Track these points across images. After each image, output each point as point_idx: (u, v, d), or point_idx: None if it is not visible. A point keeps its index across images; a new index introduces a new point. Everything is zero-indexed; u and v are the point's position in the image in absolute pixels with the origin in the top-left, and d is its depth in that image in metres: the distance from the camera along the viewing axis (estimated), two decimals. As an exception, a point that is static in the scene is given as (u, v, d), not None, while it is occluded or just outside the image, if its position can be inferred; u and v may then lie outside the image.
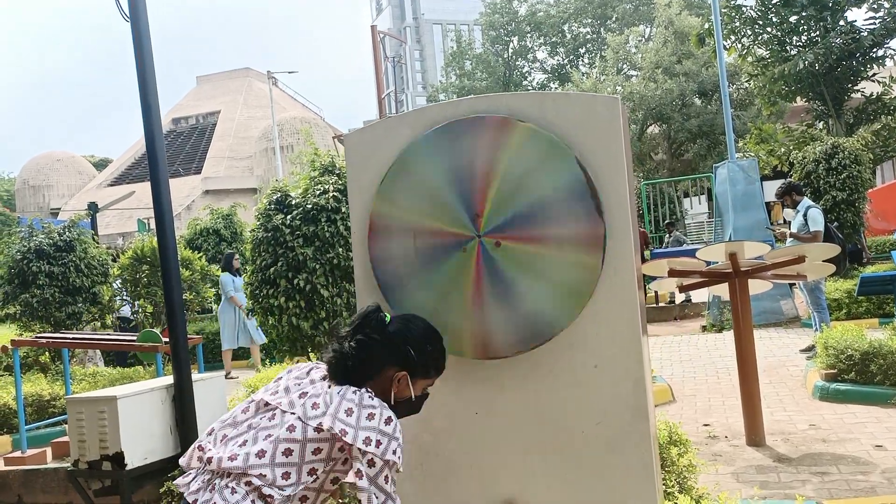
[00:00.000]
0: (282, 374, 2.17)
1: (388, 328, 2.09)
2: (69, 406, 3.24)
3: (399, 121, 2.52)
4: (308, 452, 1.96)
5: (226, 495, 1.92)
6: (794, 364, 7.79)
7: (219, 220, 16.01)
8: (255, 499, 1.93)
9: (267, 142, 36.25)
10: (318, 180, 6.21)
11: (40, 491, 6.10)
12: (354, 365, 2.04)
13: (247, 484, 1.93)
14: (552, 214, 2.26)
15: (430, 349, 2.12)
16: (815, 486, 4.28)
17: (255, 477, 1.92)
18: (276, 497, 1.93)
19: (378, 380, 2.08)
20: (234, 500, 1.91)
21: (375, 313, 2.11)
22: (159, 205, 3.19)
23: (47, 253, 12.17)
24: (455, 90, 39.53)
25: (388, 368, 2.08)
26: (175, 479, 2.08)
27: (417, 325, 2.15)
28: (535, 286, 2.27)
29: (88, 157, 51.00)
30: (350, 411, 1.95)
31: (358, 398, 1.98)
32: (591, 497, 2.30)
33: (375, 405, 1.98)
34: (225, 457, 1.95)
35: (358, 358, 2.04)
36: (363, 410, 1.96)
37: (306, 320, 5.89)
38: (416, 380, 2.11)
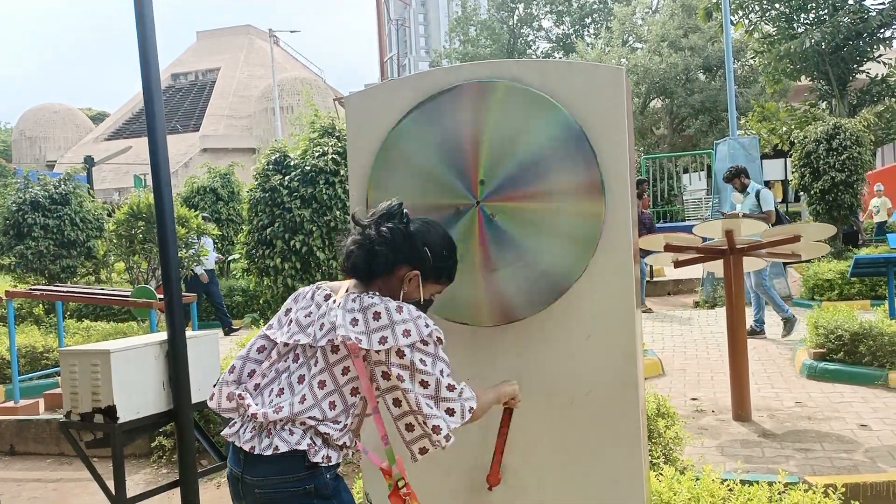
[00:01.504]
0: (290, 305, 2.12)
1: (409, 226, 2.05)
2: (62, 358, 3.25)
3: (401, 84, 2.50)
4: (339, 375, 1.94)
5: (285, 437, 1.92)
6: (784, 342, 7.85)
7: (216, 179, 15.93)
8: (313, 436, 1.93)
9: (267, 102, 35.95)
10: (317, 142, 6.18)
11: (32, 441, 6.16)
12: (379, 255, 1.99)
13: (301, 424, 1.93)
14: (548, 168, 2.25)
15: (446, 254, 2.09)
16: (798, 462, 4.35)
17: (307, 419, 1.93)
18: (332, 433, 1.94)
19: (388, 278, 2.03)
20: (294, 440, 1.91)
21: (399, 208, 2.05)
22: (156, 160, 3.17)
23: (43, 205, 12.13)
24: (458, 56, 39.13)
25: (401, 266, 2.03)
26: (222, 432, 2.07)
27: (437, 230, 2.11)
28: (541, 243, 2.26)
29: (85, 110, 50.55)
30: (355, 321, 1.92)
31: (358, 304, 1.95)
32: (578, 464, 2.33)
33: (377, 302, 1.94)
34: (270, 411, 1.94)
35: (383, 247, 1.99)
36: (367, 313, 1.93)
37: (301, 282, 5.91)
38: (427, 282, 2.07)
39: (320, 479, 1.94)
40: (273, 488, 1.93)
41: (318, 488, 1.93)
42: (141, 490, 3.69)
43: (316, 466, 1.93)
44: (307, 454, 1.92)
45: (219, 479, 5.05)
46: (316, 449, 1.93)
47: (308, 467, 1.92)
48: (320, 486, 1.94)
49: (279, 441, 1.92)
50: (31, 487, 5.29)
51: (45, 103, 44.86)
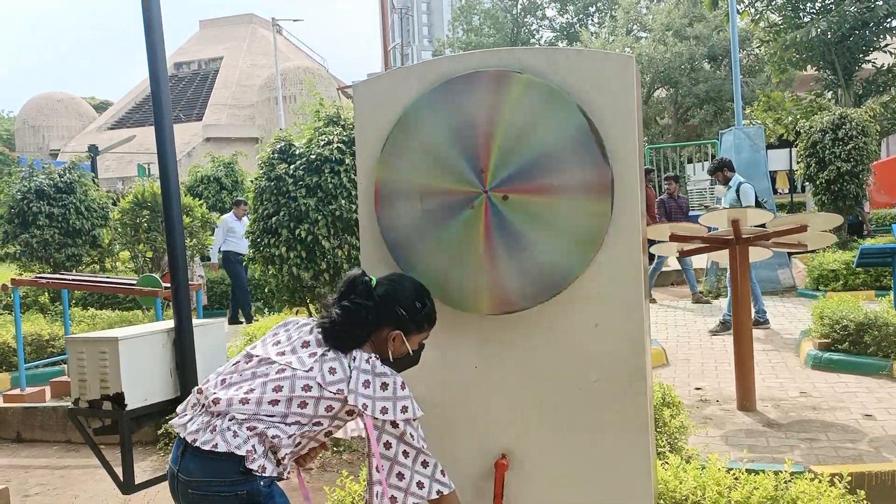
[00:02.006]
0: (278, 330, 2.19)
1: (375, 291, 2.12)
2: (70, 345, 3.26)
3: (407, 72, 2.49)
4: (321, 408, 2.01)
5: (227, 437, 1.95)
6: (788, 332, 7.85)
7: (220, 168, 15.92)
8: (256, 443, 1.96)
9: (269, 91, 35.86)
10: (322, 131, 6.16)
11: (39, 428, 6.19)
12: (344, 331, 2.07)
13: (249, 429, 1.96)
14: (558, 163, 2.24)
15: (419, 306, 2.15)
16: (802, 452, 4.36)
17: (264, 418, 1.96)
18: (282, 437, 1.97)
19: (374, 340, 2.12)
20: (235, 442, 1.94)
21: (361, 278, 2.13)
22: (162, 147, 3.17)
23: (48, 194, 12.15)
24: (462, 45, 38.99)
25: (382, 329, 2.12)
26: (171, 421, 2.11)
27: (405, 285, 2.17)
28: (545, 237, 2.26)
29: (89, 100, 50.50)
30: (367, 383, 2.00)
31: (371, 367, 2.03)
32: (585, 453, 2.33)
33: (387, 373, 2.03)
34: (236, 398, 1.98)
35: (345, 324, 2.06)
36: (377, 380, 2.01)
37: (307, 271, 5.91)
38: (410, 336, 2.15)
39: (253, 485, 1.96)
40: (204, 489, 1.95)
41: (251, 494, 1.95)
42: (148, 477, 3.71)
43: (249, 473, 1.95)
44: (244, 459, 1.94)
45: (225, 467, 5.08)
46: (254, 457, 1.95)
47: (242, 472, 1.94)
48: (253, 492, 1.95)
49: (221, 440, 1.94)
50: (39, 474, 5.32)
51: (49, 92, 44.83)
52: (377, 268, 2.51)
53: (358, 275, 2.14)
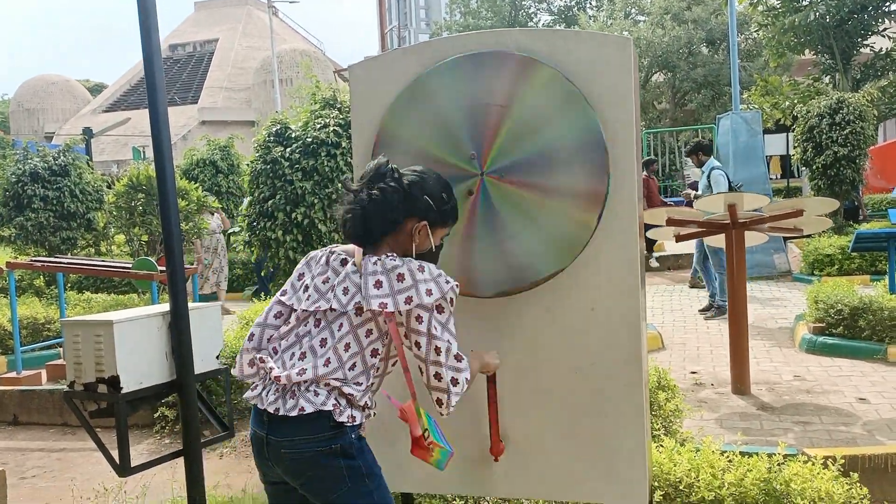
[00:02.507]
0: (302, 270, 2.14)
1: (403, 179, 2.05)
2: (65, 329, 3.25)
3: (405, 53, 2.47)
4: (362, 337, 1.98)
5: (310, 398, 1.94)
6: (783, 317, 7.88)
7: (216, 152, 15.85)
8: (337, 396, 1.96)
9: (266, 74, 35.65)
10: (318, 114, 6.13)
11: (36, 411, 6.20)
12: (375, 217, 2.00)
13: (326, 385, 1.96)
14: (559, 165, 2.24)
15: (445, 197, 2.09)
16: (796, 435, 4.38)
17: (332, 380, 1.96)
18: (355, 394, 1.97)
19: (396, 234, 2.05)
20: (319, 400, 1.94)
21: (388, 165, 2.05)
22: (157, 130, 3.14)
23: (42, 177, 12.10)
24: (459, 28, 38.72)
25: (407, 220, 2.04)
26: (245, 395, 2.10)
27: (431, 176, 2.10)
28: (546, 214, 2.26)
29: (83, 82, 50.16)
30: (379, 283, 1.94)
31: (380, 266, 1.97)
32: (581, 435, 2.34)
33: (399, 263, 1.97)
34: (294, 373, 1.97)
35: (379, 208, 2.00)
36: (391, 275, 1.95)
37: (302, 254, 5.90)
38: (434, 229, 2.09)
39: (346, 439, 1.96)
40: (299, 448, 1.95)
41: (344, 448, 1.96)
42: (144, 459, 3.72)
43: (341, 426, 1.95)
44: (332, 414, 1.94)
45: (221, 450, 5.10)
46: (341, 409, 1.95)
47: (333, 427, 1.95)
48: (346, 446, 1.96)
49: (304, 402, 1.94)
50: (36, 457, 5.33)
51: (43, 74, 44.53)
52: (373, 251, 2.50)
53: (384, 162, 2.06)
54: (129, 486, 4.02)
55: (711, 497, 2.76)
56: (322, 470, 1.95)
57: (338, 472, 1.95)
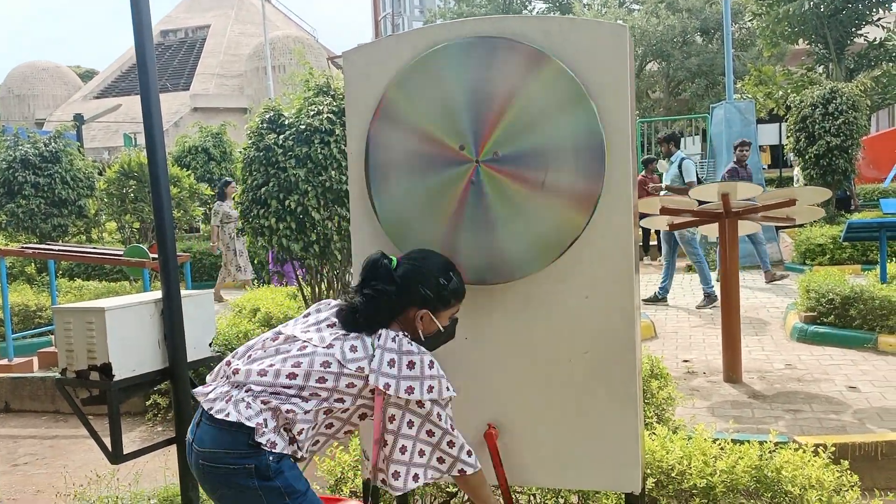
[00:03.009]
0: (310, 311, 2.17)
1: (396, 273, 2.07)
2: (57, 316, 3.24)
3: (399, 40, 2.46)
4: (342, 384, 1.98)
5: (240, 408, 1.92)
6: (775, 306, 7.92)
7: (208, 139, 15.77)
8: (269, 417, 1.93)
9: (258, 60, 35.41)
10: (312, 101, 6.09)
11: (28, 398, 6.19)
12: (373, 314, 2.03)
13: (263, 402, 1.93)
14: (555, 162, 2.23)
15: (443, 283, 2.10)
16: (787, 423, 4.41)
17: (280, 391, 1.94)
18: (297, 412, 1.94)
19: (402, 321, 2.09)
20: (246, 413, 1.92)
21: (381, 261, 2.08)
22: (149, 116, 3.12)
23: (33, 163, 12.02)
24: (453, 15, 38.51)
25: (409, 310, 2.08)
26: (195, 389, 2.11)
27: (429, 262, 2.13)
28: (541, 202, 2.25)
29: (74, 68, 49.73)
30: (392, 362, 1.97)
31: (397, 346, 2.00)
32: (575, 424, 2.35)
33: (414, 351, 2.00)
34: (254, 370, 1.97)
35: (368, 311, 2.03)
36: (403, 359, 1.98)
37: (297, 242, 5.88)
38: (438, 313, 2.11)
39: (261, 460, 1.92)
40: (214, 461, 1.94)
41: (259, 468, 1.91)
42: (136, 447, 3.72)
43: (259, 446, 1.91)
44: (253, 432, 1.91)
45: (214, 437, 5.09)
46: (264, 430, 1.92)
47: (250, 446, 1.91)
48: (261, 467, 1.91)
49: (233, 409, 1.92)
50: (28, 444, 5.32)
51: (34, 60, 44.14)
52: (367, 239, 2.50)
53: (378, 258, 2.09)
54: (121, 473, 4.02)
55: (703, 484, 2.78)
56: (235, 489, 1.93)
57: (252, 492, 1.92)
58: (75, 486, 3.99)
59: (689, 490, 2.82)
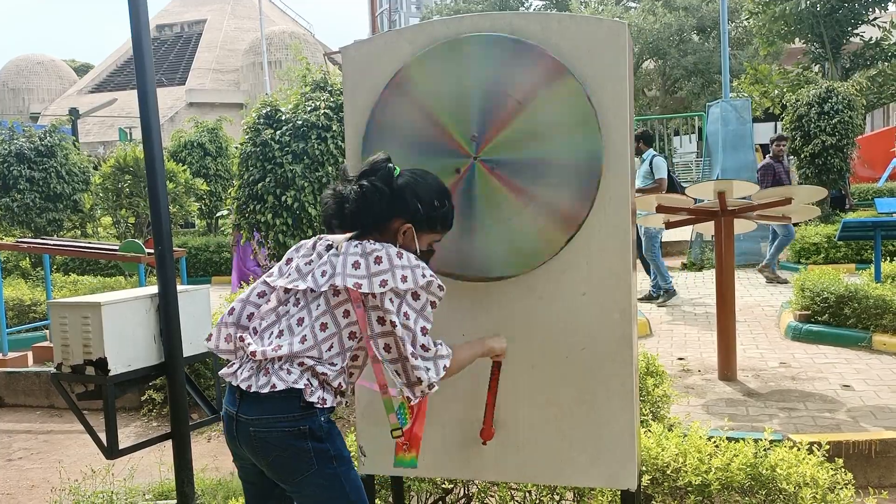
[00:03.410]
0: (291, 255, 2.14)
1: (396, 180, 2.04)
2: (53, 310, 3.23)
3: (398, 35, 2.45)
4: (339, 318, 1.97)
5: (282, 376, 1.93)
6: (769, 304, 7.94)
7: (204, 134, 15.74)
8: (310, 377, 1.95)
9: (255, 56, 35.35)
10: (309, 96, 6.08)
11: (22, 393, 6.17)
12: (353, 211, 2.00)
13: (300, 364, 1.94)
14: (550, 179, 2.24)
15: (437, 204, 2.08)
16: (781, 421, 4.43)
17: (306, 358, 1.95)
18: (329, 373, 1.96)
19: (381, 231, 2.05)
20: (291, 378, 1.92)
21: (384, 163, 2.05)
22: (145, 111, 3.11)
23: (28, 157, 11.99)
24: (450, 11, 38.48)
25: (394, 220, 2.04)
26: (220, 371, 2.12)
27: (427, 180, 2.10)
28: (539, 198, 2.25)
29: (69, 62, 49.54)
30: (357, 264, 1.94)
31: (360, 249, 1.97)
32: (572, 420, 2.35)
33: (378, 247, 1.96)
34: (269, 349, 1.96)
35: (357, 204, 2.00)
36: (369, 258, 1.94)
37: (293, 238, 5.87)
38: (421, 233, 2.08)
39: (315, 421, 1.95)
40: (267, 427, 1.94)
41: (313, 430, 1.94)
42: (132, 442, 3.71)
43: (311, 407, 1.94)
44: (303, 393, 1.93)
45: (209, 433, 5.09)
46: (312, 389, 1.94)
47: (303, 407, 1.93)
48: (315, 428, 1.94)
49: (276, 379, 1.93)
50: (22, 438, 5.31)
51: (29, 54, 43.95)
52: (364, 234, 2.49)
53: (382, 159, 2.06)
54: (116, 468, 4.02)
55: (698, 481, 2.78)
56: (289, 451, 1.94)
57: (305, 454, 1.94)
58: (70, 481, 3.98)
59: (684, 487, 2.82)
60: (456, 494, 3.11)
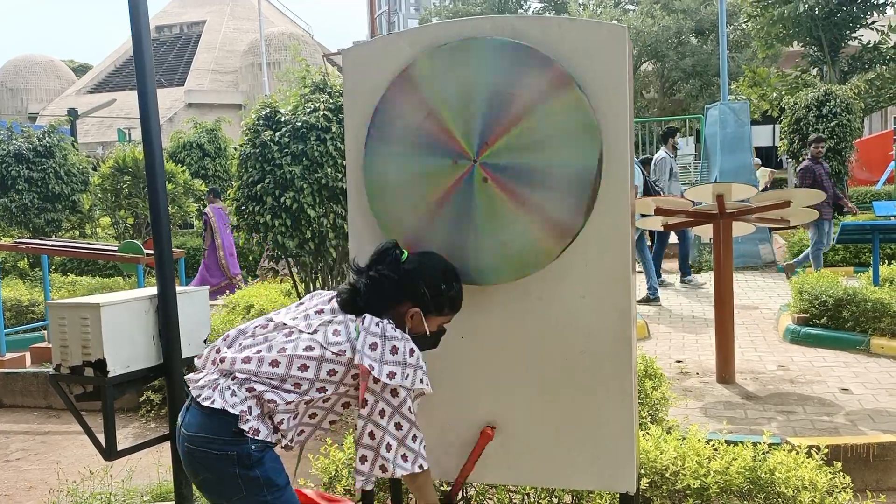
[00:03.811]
0: (303, 300, 2.21)
1: (403, 265, 2.11)
2: (51, 311, 3.23)
3: (398, 38, 2.45)
4: (323, 371, 2.00)
5: (225, 396, 1.96)
6: (767, 307, 7.94)
7: (203, 135, 15.73)
8: (253, 405, 1.96)
9: (253, 57, 35.32)
10: (308, 98, 6.07)
11: (20, 394, 6.16)
12: (366, 300, 2.07)
13: (248, 390, 1.96)
14: (546, 128, 2.23)
15: (444, 288, 2.14)
16: (780, 424, 4.43)
17: (264, 380, 1.97)
18: (278, 402, 1.96)
19: (393, 314, 2.12)
20: (231, 401, 1.95)
21: (392, 250, 2.13)
22: (145, 108, 3.11)
23: (27, 157, 11.97)
24: (449, 14, 38.47)
25: (403, 304, 2.12)
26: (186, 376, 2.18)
27: (434, 264, 2.17)
28: (539, 202, 2.26)
29: (68, 62, 49.48)
30: (374, 346, 1.98)
31: (381, 330, 2.01)
32: (570, 422, 2.35)
33: (398, 337, 2.02)
34: (239, 358, 2.00)
35: (369, 294, 2.08)
36: (387, 343, 1.99)
37: (291, 239, 5.87)
38: (429, 317, 2.15)
39: (244, 448, 1.95)
40: (198, 445, 1.96)
41: (241, 456, 1.94)
42: (130, 443, 3.71)
43: (242, 434, 1.94)
44: (238, 419, 1.94)
45: (207, 434, 5.09)
46: (248, 417, 1.95)
47: (234, 433, 1.94)
48: (243, 455, 1.94)
49: (218, 397, 1.95)
50: (20, 439, 5.30)
51: (27, 54, 43.91)
52: (364, 237, 2.49)
53: (390, 246, 2.14)
54: (114, 469, 4.01)
55: (697, 485, 2.79)
56: (216, 473, 1.96)
57: (232, 479, 1.95)
58: (68, 482, 3.98)
59: (682, 491, 2.83)
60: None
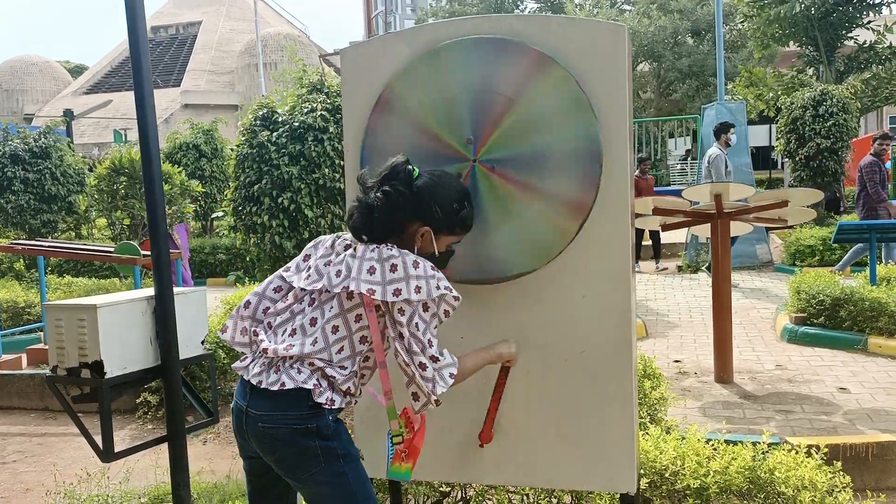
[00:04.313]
0: (309, 251, 2.14)
1: (415, 182, 2.03)
2: (48, 312, 3.21)
3: (397, 38, 2.45)
4: (351, 322, 1.98)
5: (293, 375, 1.95)
6: (765, 307, 7.95)
7: (199, 135, 15.70)
8: (319, 378, 1.97)
9: (250, 57, 35.30)
10: (305, 98, 6.07)
11: (16, 396, 6.13)
12: (379, 216, 2.00)
13: (310, 365, 1.96)
14: (552, 169, 2.23)
15: (456, 206, 2.07)
16: (778, 424, 4.43)
17: (315, 359, 1.96)
18: (338, 377, 1.97)
19: (401, 235, 2.05)
20: (300, 378, 1.94)
21: (403, 165, 2.04)
22: (142, 111, 3.09)
23: (23, 158, 11.94)
24: (445, 14, 38.49)
25: (412, 223, 2.04)
26: (233, 365, 2.13)
27: (447, 182, 2.09)
28: (538, 201, 2.25)
29: (63, 63, 49.39)
30: (372, 269, 1.94)
31: (377, 254, 1.96)
32: (570, 423, 2.35)
33: (395, 254, 1.95)
34: (281, 348, 1.98)
35: (383, 209, 1.99)
36: (385, 264, 1.94)
37: (289, 240, 5.86)
38: (439, 236, 2.08)
39: (323, 419, 1.97)
40: (276, 423, 1.96)
41: (320, 428, 1.96)
42: (127, 445, 3.69)
43: (319, 407, 1.96)
44: (312, 394, 1.95)
45: (205, 436, 5.07)
46: (321, 390, 1.96)
47: (311, 407, 1.95)
48: (322, 426, 1.96)
49: (286, 378, 1.95)
50: (17, 441, 5.28)
51: (23, 55, 43.81)
52: (363, 237, 2.48)
53: (401, 161, 2.05)
54: (111, 471, 4.00)
55: (697, 485, 2.78)
56: (296, 448, 1.96)
57: (312, 452, 1.96)
58: (65, 484, 3.96)
59: (682, 490, 2.82)
60: (453, 497, 3.10)
